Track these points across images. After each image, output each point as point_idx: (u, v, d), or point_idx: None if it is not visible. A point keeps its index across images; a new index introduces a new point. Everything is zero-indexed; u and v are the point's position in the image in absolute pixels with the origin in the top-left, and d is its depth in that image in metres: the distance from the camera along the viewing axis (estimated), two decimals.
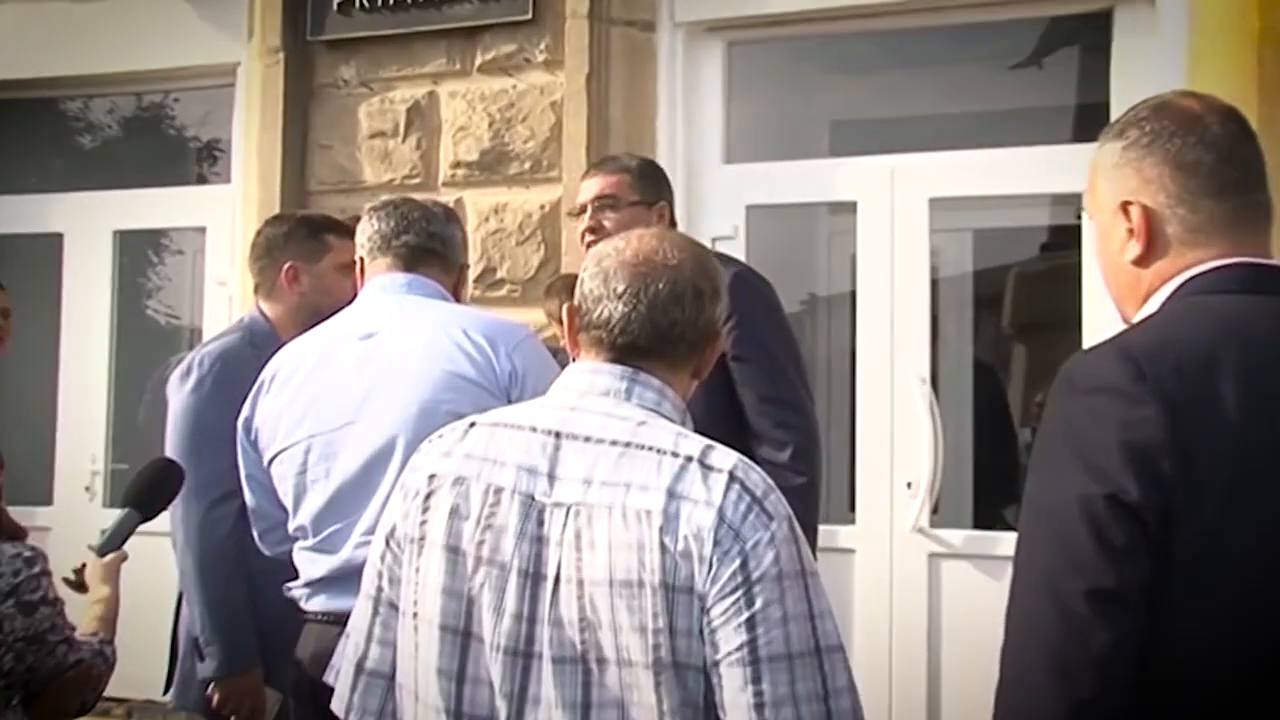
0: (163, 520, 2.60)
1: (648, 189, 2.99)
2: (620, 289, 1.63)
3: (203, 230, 5.24)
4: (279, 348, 2.48)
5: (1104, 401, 1.37)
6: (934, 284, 4.25)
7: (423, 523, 1.60)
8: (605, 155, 3.51)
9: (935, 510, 4.18)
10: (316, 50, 4.90)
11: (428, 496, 1.61)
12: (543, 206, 4.53)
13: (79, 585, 2.39)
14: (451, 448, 1.64)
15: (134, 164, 5.63)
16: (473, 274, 4.53)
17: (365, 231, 2.46)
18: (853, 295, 4.30)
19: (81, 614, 2.31)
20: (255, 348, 2.75)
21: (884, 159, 4.29)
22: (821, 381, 4.66)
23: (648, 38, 4.44)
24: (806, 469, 2.87)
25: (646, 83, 4.44)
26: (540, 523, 1.53)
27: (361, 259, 2.47)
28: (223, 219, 5.14)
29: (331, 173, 4.85)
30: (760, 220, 4.47)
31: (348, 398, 2.23)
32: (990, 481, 4.42)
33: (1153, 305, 1.51)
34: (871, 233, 4.27)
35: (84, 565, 2.41)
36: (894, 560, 4.15)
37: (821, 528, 3.77)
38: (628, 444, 1.54)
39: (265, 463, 2.35)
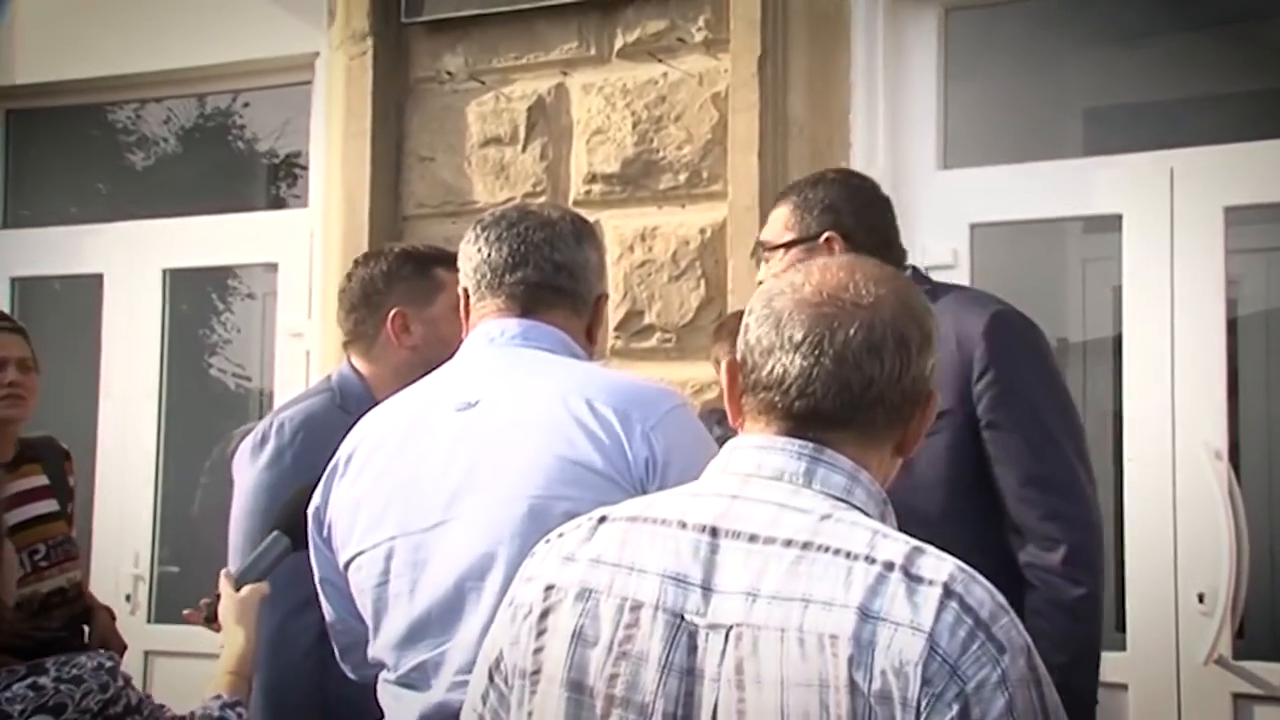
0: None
1: (806, 221, 3.02)
2: (798, 337, 1.60)
3: (274, 268, 5.33)
4: None
5: None
6: (1231, 324, 4.10)
7: (537, 650, 1.61)
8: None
9: (1239, 634, 3.99)
10: (414, 35, 4.98)
11: (543, 616, 1.61)
12: (703, 231, 4.48)
13: (210, 621, 2.53)
14: (575, 550, 1.64)
15: (189, 185, 5.86)
16: (614, 315, 4.50)
17: (470, 258, 2.48)
18: (1116, 341, 4.19)
19: (211, 672, 2.46)
20: (347, 413, 2.78)
21: (1158, 156, 4.16)
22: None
23: (839, 6, 4.39)
24: (1085, 578, 2.83)
25: (838, 66, 4.39)
26: (692, 650, 1.51)
27: (465, 292, 2.50)
28: (298, 253, 5.22)
29: (434, 191, 4.91)
30: (989, 242, 4.38)
31: (440, 489, 2.24)
32: None
33: None
34: (1142, 255, 4.13)
35: (217, 596, 2.52)
36: (1183, 702, 3.96)
37: None
38: (806, 545, 1.51)
39: (341, 566, 2.37)
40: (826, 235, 2.98)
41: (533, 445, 2.18)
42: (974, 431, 2.88)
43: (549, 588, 1.62)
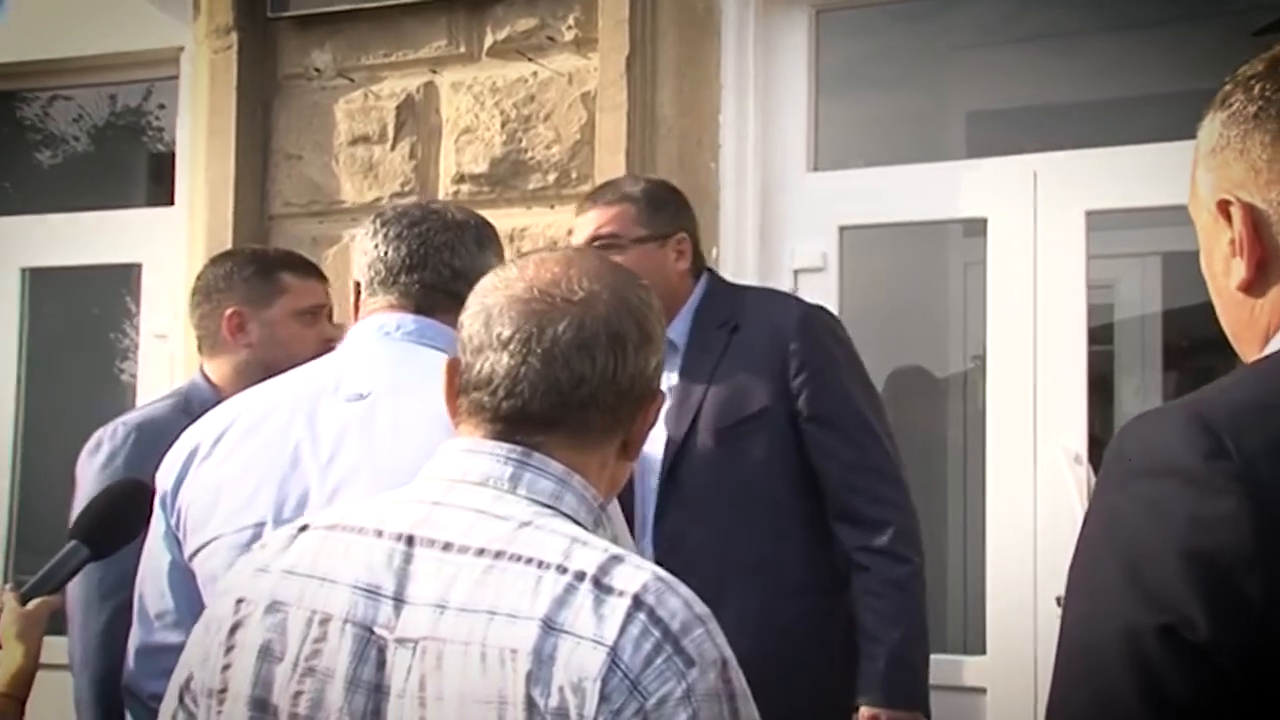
0: (60, 649, 2.68)
1: (659, 218, 3.28)
2: (506, 334, 1.62)
3: (137, 268, 5.40)
4: None
5: (1166, 489, 1.25)
6: (1106, 328, 4.38)
7: (225, 668, 1.59)
8: (605, 181, 3.71)
9: None
10: (281, 31, 5.09)
11: (233, 631, 1.59)
12: (571, 232, 4.52)
13: None
14: (270, 561, 1.63)
15: (52, 181, 5.83)
16: None
17: (365, 253, 2.53)
18: (985, 348, 4.40)
19: None
20: (191, 417, 2.85)
21: (1023, 160, 4.38)
22: (949, 463, 4.77)
23: (709, 6, 4.57)
24: (912, 554, 3.18)
25: (707, 66, 4.56)
26: (380, 665, 1.51)
27: (357, 286, 2.55)
28: (163, 253, 5.28)
29: (301, 190, 5.03)
30: (859, 246, 4.57)
31: (323, 479, 2.25)
32: None
33: (1273, 347, 1.41)
34: (1007, 259, 4.36)
35: None
36: (1040, 703, 4.15)
37: (942, 658, 3.94)
38: (499, 554, 1.51)
39: (190, 552, 2.36)
40: (680, 236, 3.29)
41: (422, 443, 2.05)
42: (794, 426, 3.19)
43: (240, 601, 1.59)
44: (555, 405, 1.60)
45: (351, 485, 2.21)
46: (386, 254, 2.49)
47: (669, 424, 3.24)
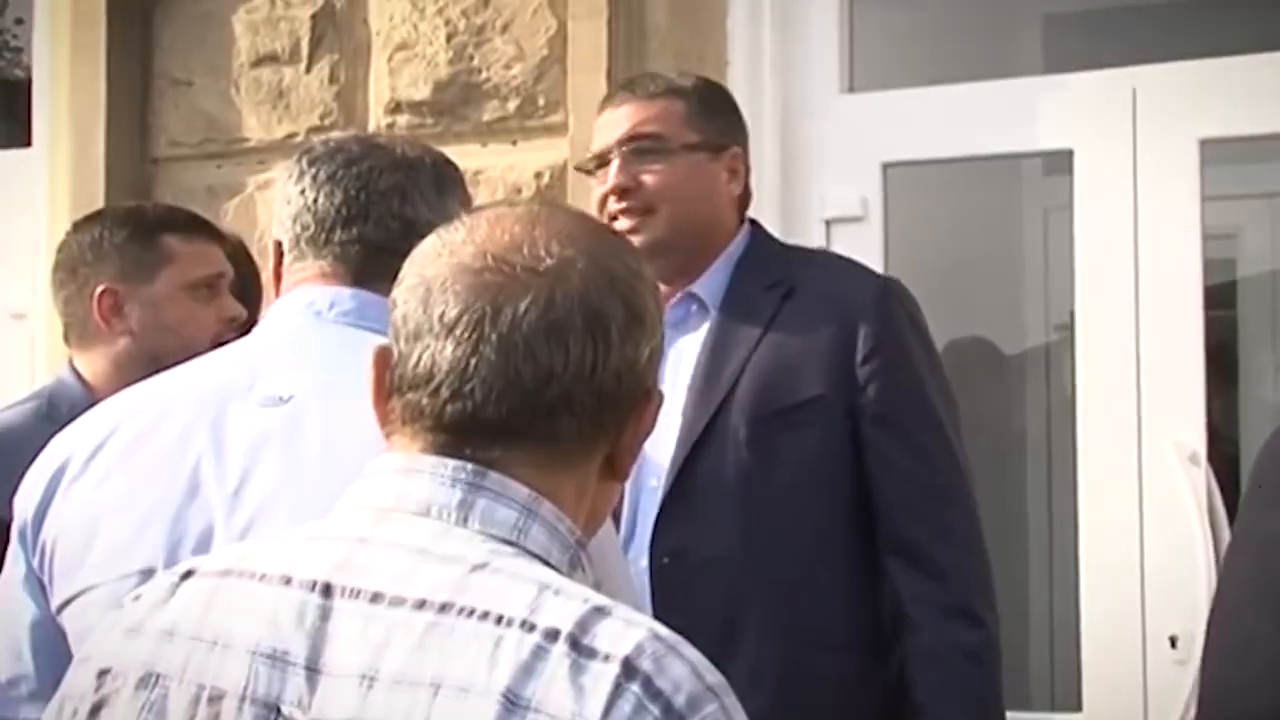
0: None
1: (715, 124, 3.17)
2: (451, 315, 1.53)
3: None
4: None
5: None
6: (1222, 290, 4.33)
7: None
8: (642, 73, 3.64)
9: None
10: None
11: (95, 712, 1.53)
12: (539, 175, 4.53)
13: None
14: (144, 619, 1.56)
15: None
16: None
17: (290, 201, 2.42)
18: (1072, 316, 4.28)
19: None
20: (56, 425, 2.74)
21: (1117, 75, 4.23)
22: (1028, 465, 4.73)
23: None
24: (987, 615, 3.02)
25: None
26: None
27: (279, 246, 2.44)
28: (18, 208, 5.17)
29: (192, 126, 4.92)
30: (907, 188, 4.45)
31: (230, 511, 2.15)
32: None
33: None
34: (1097, 203, 4.20)
35: None
36: None
37: (1022, 716, 3.80)
38: (445, 606, 1.42)
39: (58, 603, 2.25)
40: (735, 150, 3.18)
41: (355, 466, 2.03)
42: (852, 424, 3.04)
43: (103, 673, 1.54)
44: (517, 409, 1.52)
45: (268, 518, 2.11)
46: (316, 202, 2.37)
47: (686, 406, 3.09)
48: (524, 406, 1.51)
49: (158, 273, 3.14)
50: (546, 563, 1.49)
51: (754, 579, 3.03)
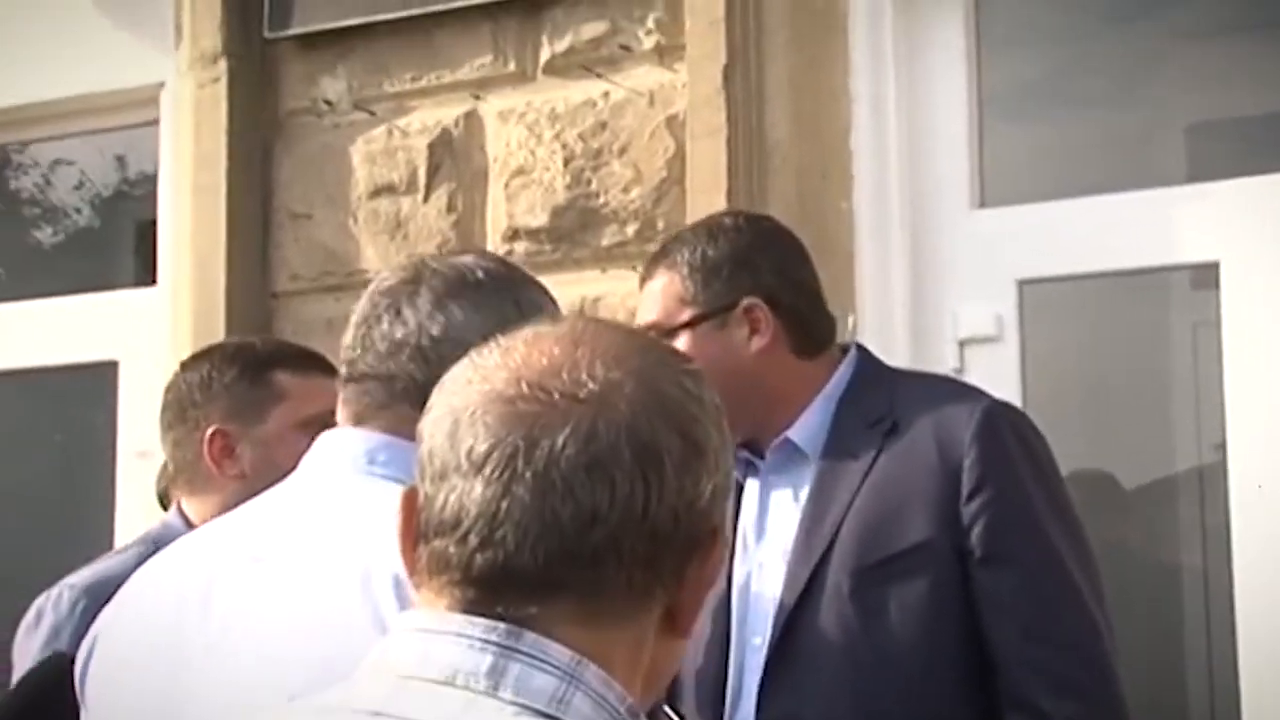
0: None
1: (711, 288, 2.98)
2: (480, 450, 1.39)
3: (113, 366, 5.31)
4: None
5: None
6: None
7: None
8: (670, 237, 3.45)
9: None
10: (282, 55, 5.05)
11: None
12: None
13: None
14: None
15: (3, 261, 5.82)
16: None
17: None
18: (1224, 436, 4.12)
19: None
20: None
21: (1266, 183, 4.09)
22: (1184, 602, 4.49)
23: None
24: None
25: (832, 74, 4.38)
26: None
27: None
28: (143, 345, 5.17)
29: (311, 259, 4.95)
30: (1045, 304, 4.32)
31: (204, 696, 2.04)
32: None
33: None
34: (1247, 316, 4.04)
35: None
36: None
37: None
38: None
39: None
40: (746, 303, 2.95)
41: (293, 650, 1.97)
42: (962, 569, 2.87)
43: None
44: (556, 557, 1.37)
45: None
46: (346, 335, 2.25)
47: (791, 560, 2.95)
48: (564, 554, 1.37)
49: (269, 411, 3.08)
50: None
51: None
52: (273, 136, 4.99)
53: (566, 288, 4.38)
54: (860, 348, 3.19)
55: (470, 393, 1.43)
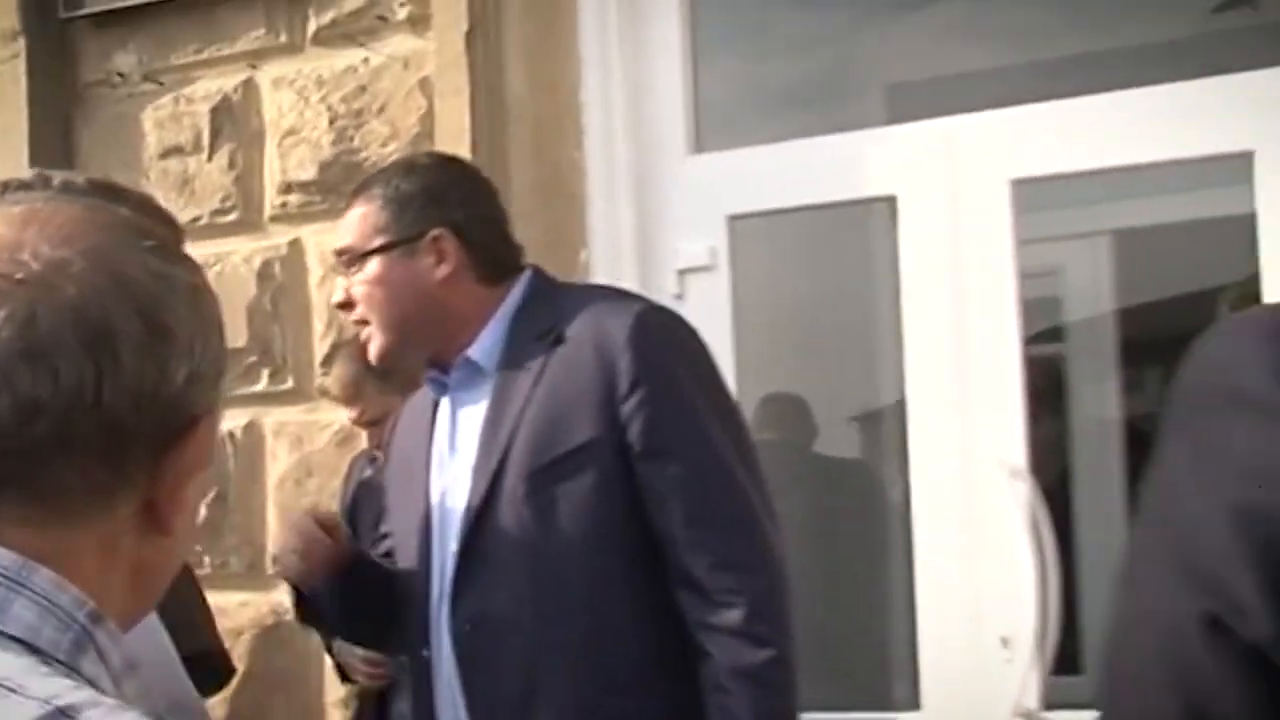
0: None
1: (404, 218, 3.04)
2: None
3: None
4: None
5: (1223, 424, 1.11)
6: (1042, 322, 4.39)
7: None
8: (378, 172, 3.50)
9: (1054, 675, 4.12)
10: (78, 32, 5.09)
11: None
12: None
13: None
14: None
15: None
16: (320, 349, 4.70)
17: None
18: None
19: None
20: None
21: (935, 126, 4.34)
22: (882, 502, 4.74)
23: None
24: (773, 636, 2.88)
25: (562, 33, 4.56)
26: None
27: None
28: None
29: None
30: (752, 238, 4.54)
31: None
32: None
33: None
34: (920, 244, 4.30)
35: None
36: None
37: (871, 718, 3.81)
38: None
39: None
40: (434, 233, 3.02)
41: None
42: (625, 465, 2.92)
43: None
44: None
45: None
46: None
47: (474, 469, 3.02)
48: (3, 450, 1.18)
49: None
50: (34, 648, 1.16)
51: (548, 635, 2.94)
52: (72, 107, 5.06)
53: (333, 238, 4.71)
54: (535, 269, 3.19)
55: None
